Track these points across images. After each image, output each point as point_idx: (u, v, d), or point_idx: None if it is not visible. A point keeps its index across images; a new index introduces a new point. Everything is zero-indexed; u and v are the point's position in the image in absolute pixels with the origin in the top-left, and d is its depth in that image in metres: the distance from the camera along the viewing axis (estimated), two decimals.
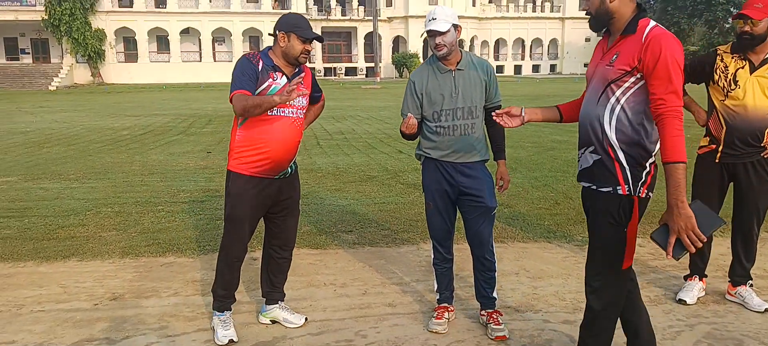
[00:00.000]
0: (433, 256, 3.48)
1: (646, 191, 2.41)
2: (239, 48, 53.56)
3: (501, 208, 5.92)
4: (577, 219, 5.67)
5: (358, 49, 60.36)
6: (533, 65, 65.75)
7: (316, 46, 57.98)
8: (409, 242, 5.09)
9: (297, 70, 3.20)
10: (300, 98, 3.20)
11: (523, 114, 2.73)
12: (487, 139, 3.39)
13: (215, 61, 53.40)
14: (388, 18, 59.51)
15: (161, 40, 51.99)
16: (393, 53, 59.24)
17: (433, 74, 3.25)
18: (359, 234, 5.29)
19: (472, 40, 62.43)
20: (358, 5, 60.16)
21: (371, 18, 55.23)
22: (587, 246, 2.62)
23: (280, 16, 3.22)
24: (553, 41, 66.35)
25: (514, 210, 6.10)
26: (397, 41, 61.04)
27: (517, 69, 65.07)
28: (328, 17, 58.55)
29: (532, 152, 10.08)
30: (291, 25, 3.09)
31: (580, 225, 5.45)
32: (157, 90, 36.73)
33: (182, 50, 52.04)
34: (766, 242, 4.94)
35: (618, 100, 2.36)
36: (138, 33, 49.87)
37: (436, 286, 3.53)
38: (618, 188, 2.40)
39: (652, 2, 53.84)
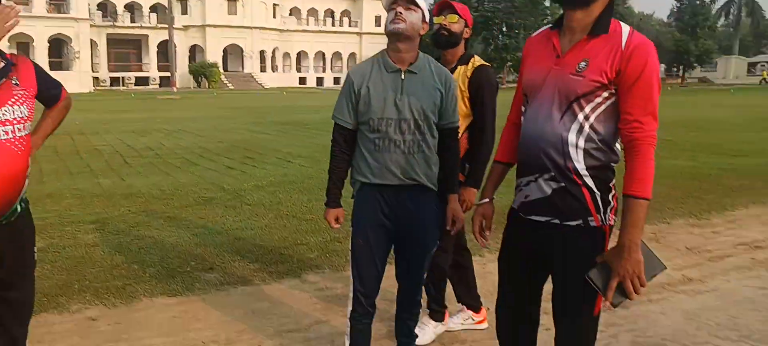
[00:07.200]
0: (350, 308, 2.67)
1: (613, 216, 1.99)
2: None
3: None
4: None
5: (150, 57, 55.91)
6: (334, 77, 67.08)
7: (101, 51, 52.34)
8: (289, 274, 4.27)
9: (3, 64, 2.10)
10: (14, 107, 2.09)
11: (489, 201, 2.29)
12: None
13: None
14: (184, 26, 56.05)
15: None
16: (190, 63, 55.91)
17: (378, 72, 2.52)
18: (223, 272, 4.31)
19: (274, 52, 61.74)
20: (150, 12, 55.69)
21: (165, 26, 51.62)
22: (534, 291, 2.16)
23: None
24: (352, 55, 68.44)
25: None
26: (194, 50, 57.80)
27: (320, 81, 65.90)
28: (115, 24, 53.26)
29: None
30: None
31: None
32: None
33: None
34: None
35: (587, 118, 1.90)
36: None
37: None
38: (590, 219, 1.95)
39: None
